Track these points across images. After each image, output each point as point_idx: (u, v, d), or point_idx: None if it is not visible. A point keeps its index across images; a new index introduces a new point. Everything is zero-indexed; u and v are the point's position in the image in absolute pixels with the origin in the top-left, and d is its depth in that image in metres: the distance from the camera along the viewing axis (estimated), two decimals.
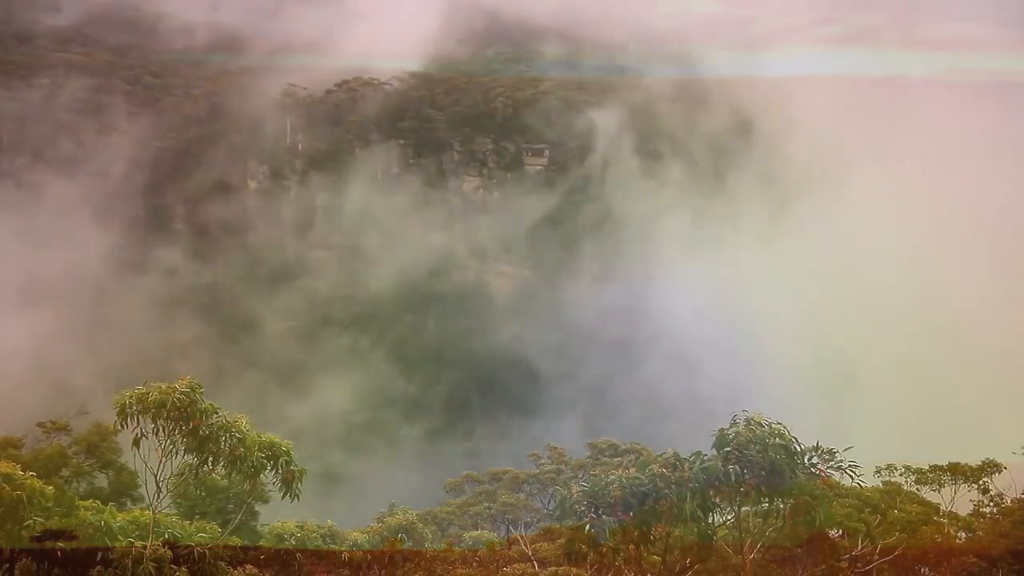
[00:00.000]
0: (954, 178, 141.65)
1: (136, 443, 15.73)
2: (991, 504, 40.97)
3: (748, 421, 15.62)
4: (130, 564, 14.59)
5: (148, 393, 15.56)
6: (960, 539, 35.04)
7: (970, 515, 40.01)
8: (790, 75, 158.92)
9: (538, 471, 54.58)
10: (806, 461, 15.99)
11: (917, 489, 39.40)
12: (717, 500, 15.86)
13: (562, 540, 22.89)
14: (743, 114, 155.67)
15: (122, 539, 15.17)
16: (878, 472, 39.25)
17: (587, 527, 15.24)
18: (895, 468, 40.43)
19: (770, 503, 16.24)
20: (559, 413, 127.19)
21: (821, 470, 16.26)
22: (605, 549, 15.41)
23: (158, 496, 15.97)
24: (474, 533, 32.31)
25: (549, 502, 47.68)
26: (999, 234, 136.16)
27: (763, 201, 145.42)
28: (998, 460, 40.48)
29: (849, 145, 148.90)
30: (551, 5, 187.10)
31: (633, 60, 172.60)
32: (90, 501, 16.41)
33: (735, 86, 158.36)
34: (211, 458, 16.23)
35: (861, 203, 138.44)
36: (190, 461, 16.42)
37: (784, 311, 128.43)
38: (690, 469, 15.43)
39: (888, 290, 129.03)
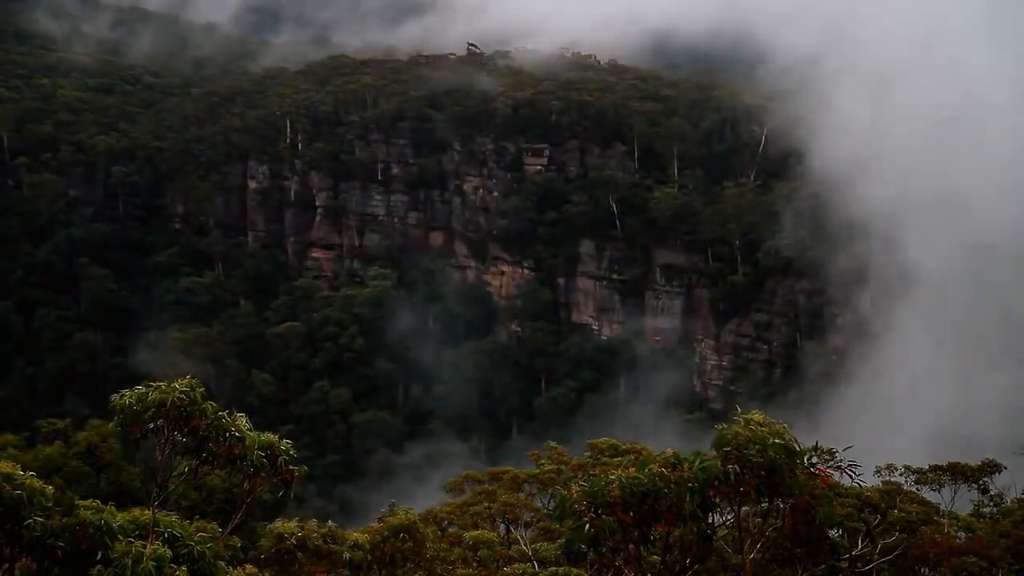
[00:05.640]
0: None
1: (136, 443, 15.76)
2: (991, 504, 40.93)
3: (747, 421, 15.61)
4: (130, 563, 14.57)
5: (147, 393, 15.58)
6: (960, 539, 34.98)
7: (970, 515, 39.96)
8: None
9: (538, 471, 54.41)
10: (806, 461, 16.00)
11: (917, 489, 39.31)
12: (717, 500, 15.84)
13: (562, 540, 22.90)
14: None
15: (122, 539, 15.16)
16: (878, 472, 39.14)
17: (587, 527, 15.22)
18: (895, 468, 40.34)
19: (770, 503, 16.23)
20: None
21: (821, 470, 16.28)
22: (605, 549, 15.38)
23: (158, 496, 15.98)
24: (474, 533, 32.28)
25: (549, 502, 47.60)
26: None
27: None
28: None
29: None
30: None
31: None
32: (89, 501, 16.40)
33: None
34: (210, 457, 16.29)
35: None
36: (190, 461, 16.46)
37: None
38: (689, 469, 15.42)
39: None
